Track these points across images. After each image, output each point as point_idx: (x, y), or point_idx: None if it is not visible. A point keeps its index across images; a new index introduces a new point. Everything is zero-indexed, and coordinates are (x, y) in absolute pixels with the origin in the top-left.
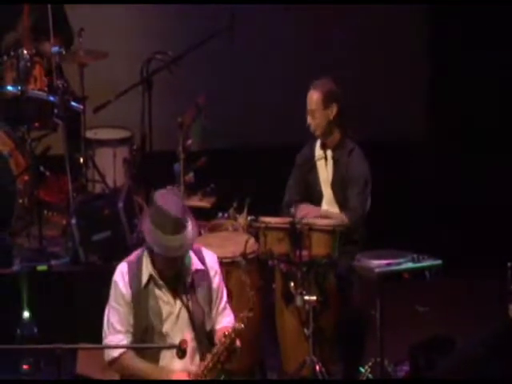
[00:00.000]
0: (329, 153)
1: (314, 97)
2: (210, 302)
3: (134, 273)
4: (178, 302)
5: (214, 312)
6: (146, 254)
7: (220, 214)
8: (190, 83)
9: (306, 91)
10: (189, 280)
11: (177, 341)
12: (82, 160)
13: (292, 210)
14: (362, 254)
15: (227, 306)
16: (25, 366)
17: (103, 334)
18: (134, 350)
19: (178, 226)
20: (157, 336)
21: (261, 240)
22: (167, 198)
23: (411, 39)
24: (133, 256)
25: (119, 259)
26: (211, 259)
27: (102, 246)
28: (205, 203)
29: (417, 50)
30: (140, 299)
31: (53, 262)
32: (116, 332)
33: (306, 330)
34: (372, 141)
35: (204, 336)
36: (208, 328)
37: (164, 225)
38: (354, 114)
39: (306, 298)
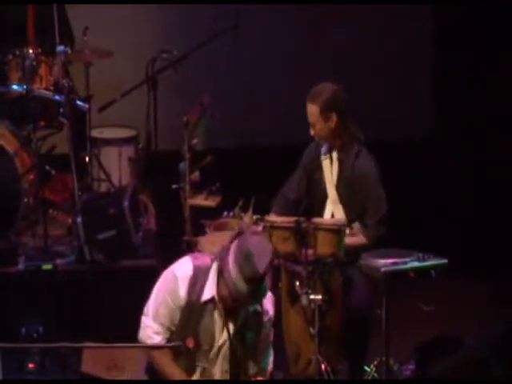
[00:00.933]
0: (334, 154)
1: (312, 111)
2: (255, 344)
3: (198, 283)
4: (225, 334)
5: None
6: (215, 270)
7: (225, 213)
8: (196, 82)
9: (309, 91)
10: (243, 317)
11: (213, 370)
12: (87, 159)
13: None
14: (367, 253)
15: (270, 347)
16: (30, 365)
17: (144, 313)
18: (172, 352)
19: (260, 282)
20: (202, 355)
21: None
22: (260, 248)
23: (415, 38)
24: (201, 262)
25: (124, 258)
26: (269, 301)
27: (107, 244)
28: (210, 202)
29: (421, 48)
30: (193, 311)
31: (58, 261)
32: (158, 321)
33: (311, 329)
34: (377, 140)
35: (240, 368)
36: (247, 363)
37: (249, 277)
38: (358, 114)
39: (312, 297)
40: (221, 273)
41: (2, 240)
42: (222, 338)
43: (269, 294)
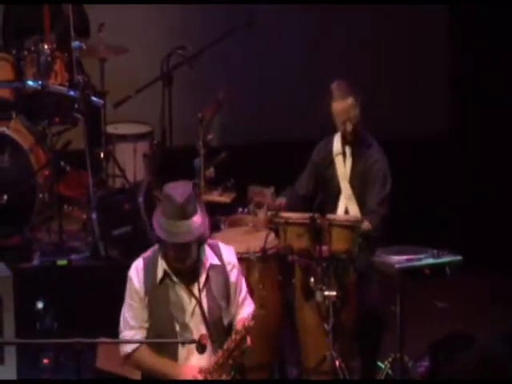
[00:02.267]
0: (347, 149)
1: (346, 106)
2: (227, 296)
3: (149, 268)
4: (193, 299)
5: (233, 306)
6: (160, 251)
7: (240, 209)
8: (211, 78)
9: (325, 88)
10: (203, 276)
11: (192, 337)
12: (102, 155)
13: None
14: (382, 250)
15: (247, 297)
16: (45, 361)
17: (119, 330)
18: (151, 345)
19: (183, 212)
20: (180, 327)
21: (281, 235)
22: (175, 187)
23: (432, 37)
24: (149, 252)
25: (139, 254)
26: (228, 253)
27: (122, 240)
28: (225, 198)
29: (436, 48)
30: (156, 294)
31: (73, 257)
32: (130, 327)
33: (325, 326)
34: (393, 138)
35: (222, 332)
36: (226, 323)
37: (169, 211)
38: (374, 112)
39: (326, 293)
40: (160, 242)
41: (18, 235)
42: (190, 304)
43: (227, 247)
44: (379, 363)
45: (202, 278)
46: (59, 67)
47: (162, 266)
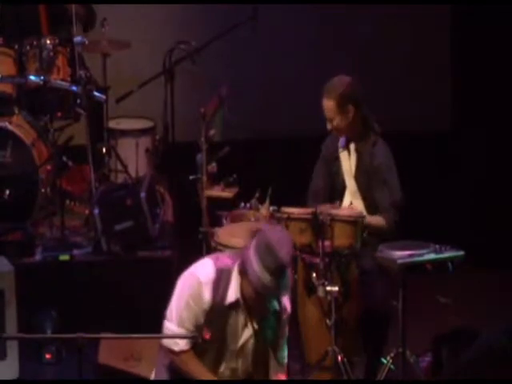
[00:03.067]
0: (352, 146)
1: (328, 106)
2: (275, 340)
3: (221, 285)
4: (248, 331)
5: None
6: (236, 271)
7: (242, 204)
8: (213, 73)
9: (324, 86)
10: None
11: (236, 367)
12: (104, 150)
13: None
14: (384, 245)
15: (285, 340)
16: (47, 356)
17: (167, 318)
18: (196, 353)
19: (284, 272)
20: (228, 354)
21: None
22: (281, 241)
23: (435, 27)
24: (223, 264)
25: (141, 249)
26: (286, 299)
27: (124, 235)
28: (227, 193)
29: (440, 38)
30: (218, 314)
31: (75, 252)
32: (183, 327)
33: (328, 321)
34: (396, 131)
35: (261, 363)
36: (270, 362)
37: (272, 267)
38: (377, 105)
39: (328, 288)
40: (243, 273)
41: (20, 230)
42: (244, 335)
43: (286, 295)
44: (382, 358)
45: (262, 318)
46: (61, 62)
47: (235, 290)
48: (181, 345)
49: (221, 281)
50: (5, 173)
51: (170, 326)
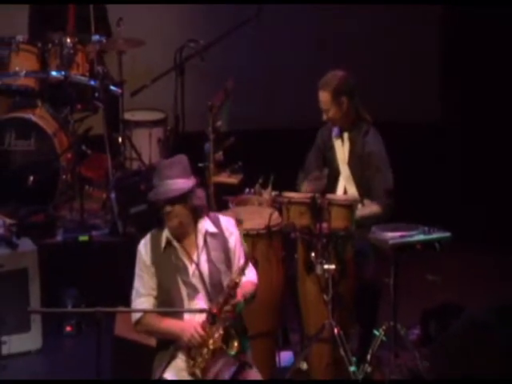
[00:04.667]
0: (345, 134)
1: (323, 98)
2: (227, 260)
3: (155, 239)
4: (193, 263)
5: (233, 270)
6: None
7: (247, 190)
8: (219, 69)
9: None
10: (201, 241)
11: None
12: (120, 139)
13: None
14: (377, 227)
15: (250, 265)
16: (68, 328)
17: (131, 300)
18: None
19: (167, 173)
20: (185, 285)
21: (284, 214)
22: (172, 159)
23: (422, 18)
24: (154, 229)
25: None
26: (226, 223)
27: (138, 218)
28: (233, 179)
29: (429, 29)
30: (162, 262)
31: (93, 233)
32: (139, 296)
33: (325, 296)
34: (387, 121)
35: (220, 292)
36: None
37: (157, 171)
38: (367, 96)
39: (326, 266)
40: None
41: (43, 213)
42: (191, 267)
43: (226, 218)
44: (375, 331)
45: (200, 243)
46: (81, 59)
47: (165, 234)
48: (136, 315)
49: (154, 237)
50: (29, 160)
51: (132, 305)
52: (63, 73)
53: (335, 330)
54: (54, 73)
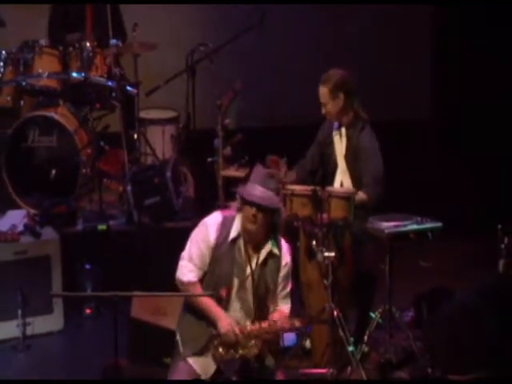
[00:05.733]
0: (343, 130)
1: (323, 92)
2: (275, 284)
3: (226, 226)
4: (248, 268)
5: (276, 295)
6: (239, 216)
7: None
8: (228, 70)
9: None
10: (263, 256)
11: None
12: (135, 136)
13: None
14: (374, 217)
15: (289, 296)
16: (87, 311)
17: (181, 256)
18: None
19: (265, 182)
20: (238, 285)
21: (287, 205)
22: (270, 171)
23: (414, 17)
24: (227, 213)
25: (167, 220)
26: (286, 249)
27: (152, 209)
28: (240, 173)
29: (420, 28)
30: (224, 250)
31: (111, 223)
32: (192, 262)
33: (325, 281)
34: (379, 120)
35: (263, 307)
36: (269, 304)
37: (254, 177)
38: (363, 94)
39: (326, 254)
40: (240, 209)
41: (64, 205)
42: (247, 270)
43: (286, 244)
44: (371, 313)
45: (262, 257)
46: (99, 61)
47: (237, 227)
48: (189, 276)
49: (225, 224)
50: (51, 155)
51: (182, 262)
52: (83, 74)
53: (335, 313)
54: (74, 74)
